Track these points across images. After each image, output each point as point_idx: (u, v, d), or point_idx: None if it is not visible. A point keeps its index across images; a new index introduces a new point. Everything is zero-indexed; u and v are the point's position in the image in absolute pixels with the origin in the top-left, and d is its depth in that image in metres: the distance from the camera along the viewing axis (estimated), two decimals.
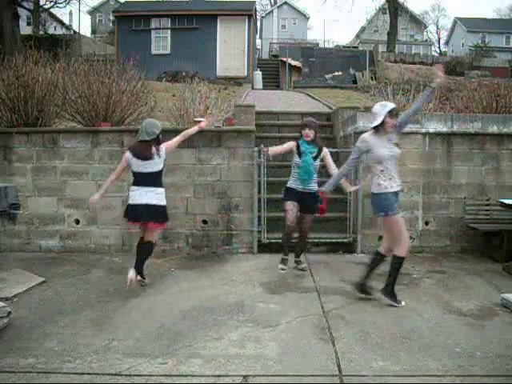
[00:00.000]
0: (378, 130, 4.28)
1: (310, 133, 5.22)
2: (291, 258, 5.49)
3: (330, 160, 5.37)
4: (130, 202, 4.81)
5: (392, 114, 4.23)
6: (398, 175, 4.38)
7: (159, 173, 4.87)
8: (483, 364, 3.25)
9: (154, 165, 4.80)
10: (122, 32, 19.55)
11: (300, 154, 5.22)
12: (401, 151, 4.45)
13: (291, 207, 5.25)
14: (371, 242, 6.53)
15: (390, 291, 4.33)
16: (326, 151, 5.38)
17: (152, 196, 4.75)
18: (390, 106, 4.30)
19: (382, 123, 4.23)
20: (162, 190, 4.87)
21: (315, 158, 5.26)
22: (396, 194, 4.33)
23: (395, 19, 28.39)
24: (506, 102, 8.13)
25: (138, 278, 4.81)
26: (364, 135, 4.40)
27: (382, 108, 4.27)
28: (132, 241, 6.53)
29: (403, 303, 4.32)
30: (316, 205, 5.22)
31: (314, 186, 5.28)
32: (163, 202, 4.84)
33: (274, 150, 5.39)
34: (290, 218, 5.22)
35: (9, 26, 16.09)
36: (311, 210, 5.31)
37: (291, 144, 5.34)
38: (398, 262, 4.31)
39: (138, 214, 4.75)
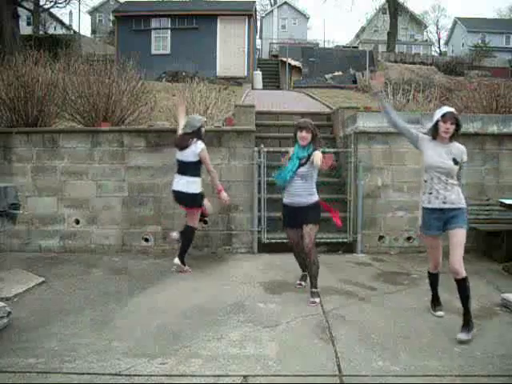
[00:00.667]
0: (434, 134, 3.88)
1: (306, 136, 4.48)
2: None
3: (317, 162, 4.34)
4: (172, 187, 5.51)
5: (445, 118, 3.75)
6: (452, 192, 3.84)
7: (192, 163, 5.37)
8: (483, 364, 3.25)
9: (188, 155, 5.35)
10: (122, 32, 19.57)
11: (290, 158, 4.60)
12: (457, 167, 3.87)
13: (291, 235, 4.77)
14: (371, 242, 6.54)
15: None
16: (315, 153, 4.42)
17: (182, 183, 5.36)
18: (445, 109, 3.85)
19: (436, 127, 3.81)
20: (193, 179, 5.38)
21: (302, 165, 4.49)
22: (438, 210, 3.85)
23: (395, 19, 28.43)
24: (505, 102, 8.14)
25: (185, 266, 5.48)
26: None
27: (437, 112, 3.89)
28: (132, 241, 6.54)
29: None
30: (312, 214, 4.53)
31: (306, 200, 4.53)
32: (191, 190, 5.35)
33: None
34: (292, 245, 4.86)
35: (9, 26, 16.08)
36: (308, 220, 4.50)
37: (290, 150, 4.72)
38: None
39: (175, 198, 5.52)
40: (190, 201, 5.44)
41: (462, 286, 3.73)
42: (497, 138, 6.64)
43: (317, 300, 4.44)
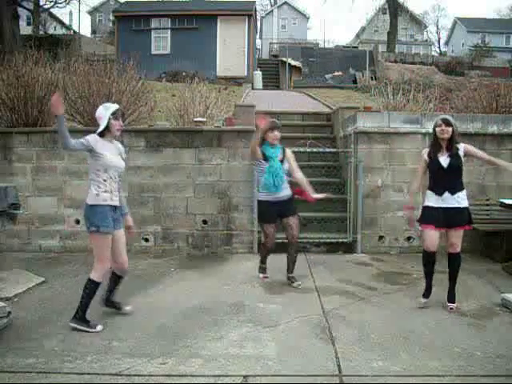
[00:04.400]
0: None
1: (278, 135, 4.81)
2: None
3: (294, 163, 4.94)
4: None
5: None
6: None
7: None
8: (483, 364, 3.25)
9: None
10: (122, 32, 19.57)
11: (266, 159, 4.78)
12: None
13: (271, 231, 4.96)
14: (371, 242, 6.54)
15: None
16: (289, 152, 4.97)
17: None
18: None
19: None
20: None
21: (281, 162, 4.84)
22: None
23: (395, 19, 28.42)
24: (505, 102, 8.14)
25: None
26: None
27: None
28: (132, 241, 6.53)
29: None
30: (294, 206, 4.95)
31: (287, 192, 4.89)
32: None
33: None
34: (270, 241, 4.99)
35: (9, 26, 16.11)
36: (292, 211, 4.93)
37: (253, 144, 4.88)
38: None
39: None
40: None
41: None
42: (497, 138, 6.64)
43: (299, 283, 4.95)
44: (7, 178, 6.45)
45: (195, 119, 7.02)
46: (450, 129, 4.16)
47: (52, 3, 25.40)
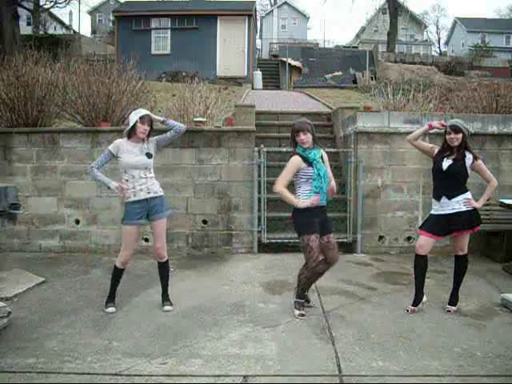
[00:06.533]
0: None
1: (306, 138, 4.02)
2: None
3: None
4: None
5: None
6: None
7: None
8: (483, 364, 3.25)
9: None
10: (122, 32, 19.54)
11: (311, 164, 4.01)
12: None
13: (317, 244, 3.96)
14: (371, 242, 6.54)
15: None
16: (325, 154, 4.28)
17: None
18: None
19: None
20: None
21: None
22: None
23: (395, 19, 28.39)
24: (505, 102, 8.13)
25: None
26: None
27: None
28: None
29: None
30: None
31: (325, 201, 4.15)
32: None
33: (285, 192, 4.04)
34: (315, 255, 3.97)
35: (9, 26, 16.10)
36: (330, 228, 4.17)
37: (295, 162, 4.04)
38: None
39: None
40: None
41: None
42: (497, 138, 6.64)
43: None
44: (7, 178, 6.45)
45: (195, 119, 7.02)
46: (460, 135, 4.06)
47: (52, 3, 25.43)
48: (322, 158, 4.15)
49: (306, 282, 4.11)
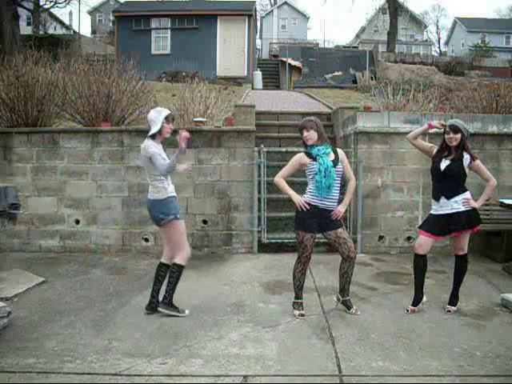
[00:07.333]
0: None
1: (309, 135, 4.02)
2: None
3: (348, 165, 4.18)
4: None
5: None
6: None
7: None
8: (483, 364, 3.25)
9: None
10: (122, 32, 19.54)
11: (314, 159, 3.98)
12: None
13: (310, 243, 3.99)
14: (371, 242, 6.54)
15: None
16: (341, 152, 4.18)
17: None
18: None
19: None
20: None
21: (335, 165, 3.98)
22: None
23: (395, 19, 28.37)
24: (505, 102, 8.13)
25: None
26: None
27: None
28: (132, 241, 6.54)
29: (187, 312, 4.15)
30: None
31: (335, 202, 4.05)
32: None
33: (281, 182, 4.14)
34: (307, 253, 4.02)
35: (9, 26, 16.08)
36: (337, 224, 4.06)
37: (297, 156, 4.12)
38: None
39: None
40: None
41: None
42: (497, 138, 6.64)
43: (356, 309, 4.23)
44: (7, 178, 6.46)
45: (195, 119, 7.02)
46: (459, 135, 4.06)
47: (52, 3, 25.40)
48: (336, 155, 4.06)
49: (300, 276, 4.11)
